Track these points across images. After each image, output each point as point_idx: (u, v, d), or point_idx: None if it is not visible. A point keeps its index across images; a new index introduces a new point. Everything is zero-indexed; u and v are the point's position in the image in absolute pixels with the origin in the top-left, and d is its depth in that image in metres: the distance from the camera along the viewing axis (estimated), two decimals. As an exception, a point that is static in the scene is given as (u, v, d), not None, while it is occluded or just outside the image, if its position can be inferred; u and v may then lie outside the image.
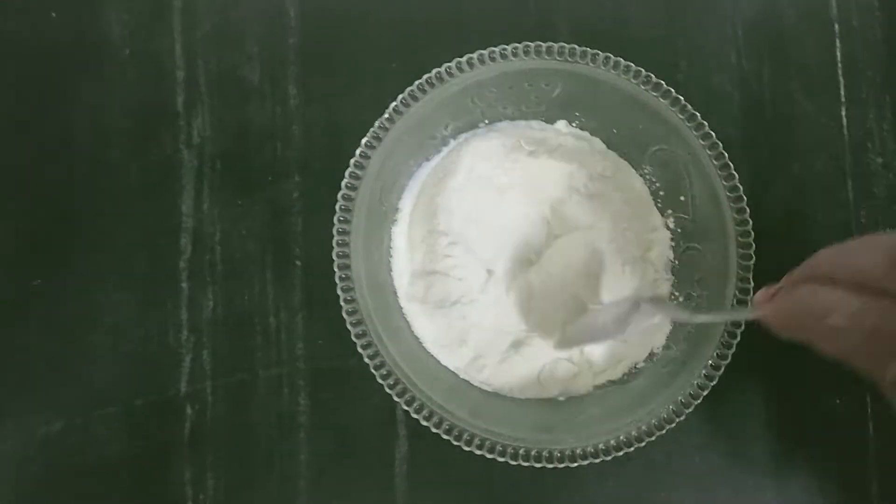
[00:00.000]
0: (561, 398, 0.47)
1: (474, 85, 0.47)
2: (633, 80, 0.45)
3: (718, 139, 0.45)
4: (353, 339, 0.43)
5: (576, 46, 0.46)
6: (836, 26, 0.54)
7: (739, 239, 0.44)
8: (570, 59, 0.46)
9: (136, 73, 0.52)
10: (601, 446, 0.42)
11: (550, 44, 0.46)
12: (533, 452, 0.42)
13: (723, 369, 0.43)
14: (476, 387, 0.47)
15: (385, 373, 0.43)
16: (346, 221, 0.44)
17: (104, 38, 0.52)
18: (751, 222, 0.44)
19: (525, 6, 0.54)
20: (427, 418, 0.43)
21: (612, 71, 0.46)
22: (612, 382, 0.48)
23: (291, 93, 0.52)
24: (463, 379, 0.47)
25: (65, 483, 0.48)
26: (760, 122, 0.53)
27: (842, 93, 0.53)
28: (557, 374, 0.47)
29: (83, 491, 0.48)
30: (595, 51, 0.46)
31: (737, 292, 0.44)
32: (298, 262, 0.50)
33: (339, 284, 0.43)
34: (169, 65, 0.51)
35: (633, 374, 0.47)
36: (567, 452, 0.42)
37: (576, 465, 0.42)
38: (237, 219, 0.51)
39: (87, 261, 0.50)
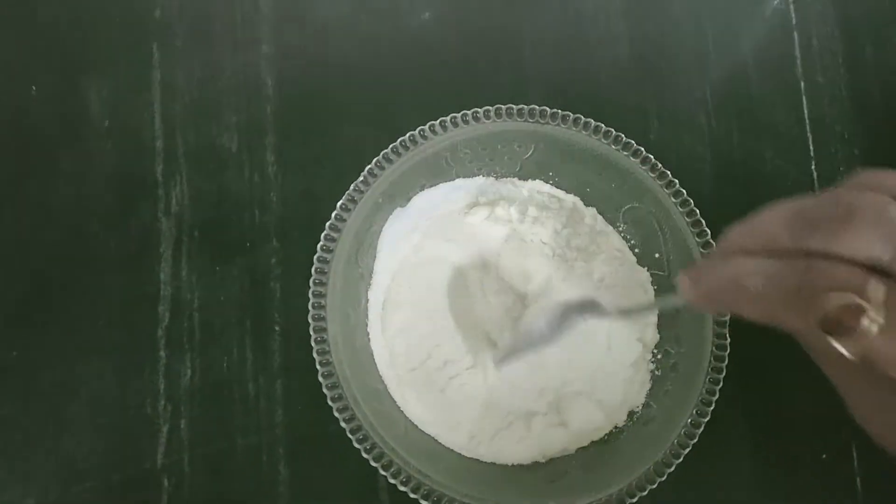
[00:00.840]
0: (542, 460, 0.46)
1: (448, 147, 0.47)
2: (604, 141, 0.46)
3: (691, 198, 0.46)
4: (330, 402, 0.43)
5: (546, 108, 0.47)
6: (802, 84, 0.55)
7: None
8: (541, 120, 0.47)
9: (116, 144, 0.52)
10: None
11: (522, 106, 0.47)
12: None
13: (703, 426, 0.43)
14: (455, 451, 0.46)
15: (361, 436, 0.43)
16: (322, 284, 0.44)
17: (84, 111, 0.53)
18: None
19: (498, 70, 0.55)
20: (405, 483, 0.42)
21: (584, 132, 0.47)
22: (594, 444, 0.47)
23: (269, 160, 0.52)
24: (442, 444, 0.47)
25: (38, 561, 0.47)
26: (732, 181, 0.54)
27: (811, 148, 0.54)
28: (539, 436, 0.47)
29: (57, 569, 0.47)
30: (566, 112, 0.47)
31: (714, 349, 0.44)
32: (277, 328, 0.50)
33: (315, 347, 0.43)
34: (148, 136, 0.52)
35: (614, 434, 0.47)
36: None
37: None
38: (215, 286, 0.51)
39: (65, 331, 0.50)
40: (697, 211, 0.45)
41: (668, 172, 0.46)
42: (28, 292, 0.51)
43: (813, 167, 0.54)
